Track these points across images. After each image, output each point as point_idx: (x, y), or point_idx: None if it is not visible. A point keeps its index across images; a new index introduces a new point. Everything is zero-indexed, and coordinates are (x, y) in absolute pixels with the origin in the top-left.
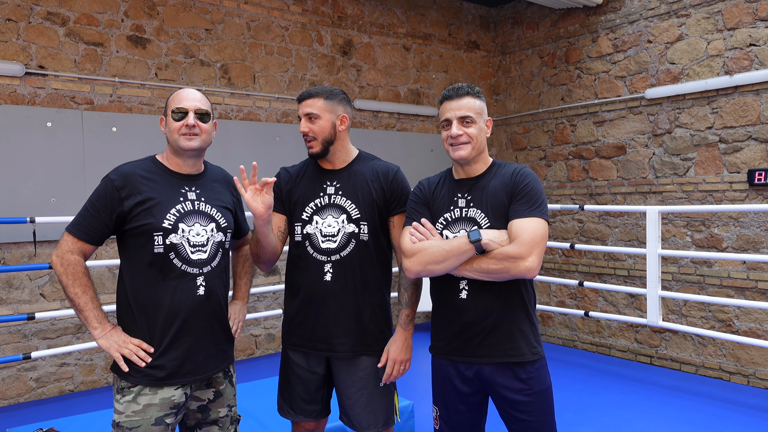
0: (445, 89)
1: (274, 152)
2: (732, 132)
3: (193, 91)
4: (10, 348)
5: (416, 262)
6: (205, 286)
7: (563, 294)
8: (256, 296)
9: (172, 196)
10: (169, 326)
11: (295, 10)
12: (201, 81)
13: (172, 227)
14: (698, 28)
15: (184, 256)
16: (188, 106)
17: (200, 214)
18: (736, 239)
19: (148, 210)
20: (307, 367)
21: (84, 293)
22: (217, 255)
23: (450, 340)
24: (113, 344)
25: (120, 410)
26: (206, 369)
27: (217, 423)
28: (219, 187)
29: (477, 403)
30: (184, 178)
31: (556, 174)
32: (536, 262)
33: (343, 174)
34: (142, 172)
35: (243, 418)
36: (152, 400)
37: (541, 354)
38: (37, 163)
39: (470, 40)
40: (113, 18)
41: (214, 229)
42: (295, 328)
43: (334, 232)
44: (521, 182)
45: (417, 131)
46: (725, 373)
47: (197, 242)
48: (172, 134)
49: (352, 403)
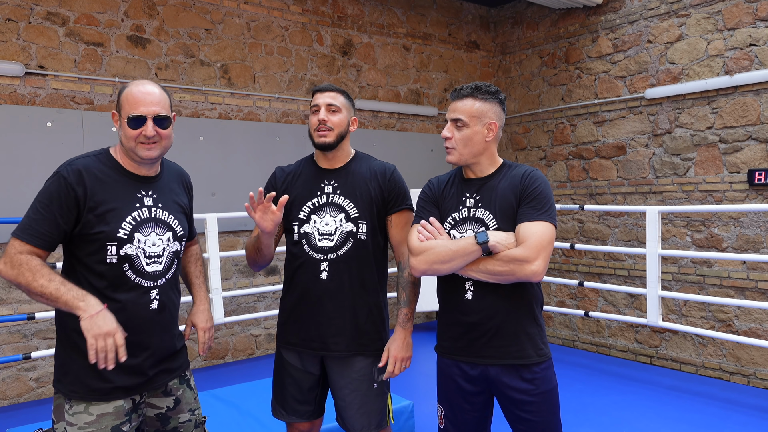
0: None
1: (274, 152)
2: (732, 132)
3: (151, 89)
4: (10, 348)
5: (422, 261)
6: (159, 299)
7: (563, 294)
8: (256, 296)
9: (129, 202)
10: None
11: (295, 10)
12: (201, 81)
13: (127, 237)
14: (698, 28)
15: (139, 269)
16: (146, 111)
17: (157, 223)
18: (736, 239)
19: (101, 216)
20: (301, 367)
21: (50, 281)
22: (172, 266)
23: (455, 340)
24: (94, 327)
25: (71, 422)
26: (157, 381)
27: (178, 430)
28: (176, 188)
29: (482, 403)
30: (140, 181)
31: (556, 174)
32: (542, 266)
33: (341, 173)
34: (97, 172)
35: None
36: (105, 409)
37: (548, 355)
38: (37, 163)
39: (470, 40)
40: (113, 18)
41: (171, 238)
42: (290, 326)
43: (332, 230)
44: (531, 185)
45: (417, 131)
46: (725, 373)
47: (153, 253)
48: (129, 141)
49: (346, 404)
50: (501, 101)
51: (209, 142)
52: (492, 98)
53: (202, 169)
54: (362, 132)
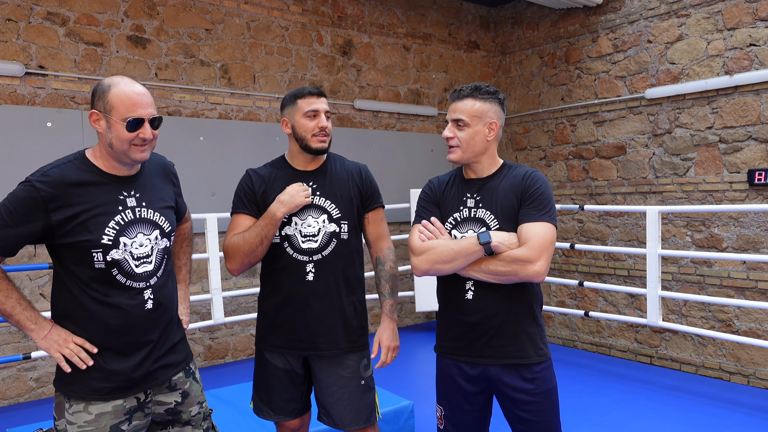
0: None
1: (274, 152)
2: (732, 132)
3: (141, 89)
4: (10, 348)
5: (424, 261)
6: (153, 298)
7: (563, 294)
8: (256, 296)
9: (110, 206)
10: (118, 343)
11: (295, 10)
12: (201, 81)
13: (112, 243)
14: (698, 28)
15: (128, 272)
16: (144, 113)
17: (142, 222)
18: (736, 239)
19: (83, 224)
20: (286, 367)
21: (7, 297)
22: (163, 262)
23: (455, 340)
24: (53, 344)
25: (71, 421)
26: (159, 377)
27: (190, 423)
28: (159, 182)
29: (481, 403)
30: (121, 182)
31: (556, 174)
32: (544, 266)
33: (319, 174)
34: (74, 179)
35: (243, 418)
36: (104, 408)
37: (548, 355)
38: (37, 163)
39: (470, 40)
40: (113, 18)
41: (158, 236)
42: (275, 329)
43: (315, 232)
44: (532, 186)
45: (417, 131)
46: (725, 373)
47: (141, 254)
48: (122, 144)
49: (334, 401)
50: (500, 101)
51: (209, 142)
52: (492, 98)
53: (202, 169)
54: (362, 132)
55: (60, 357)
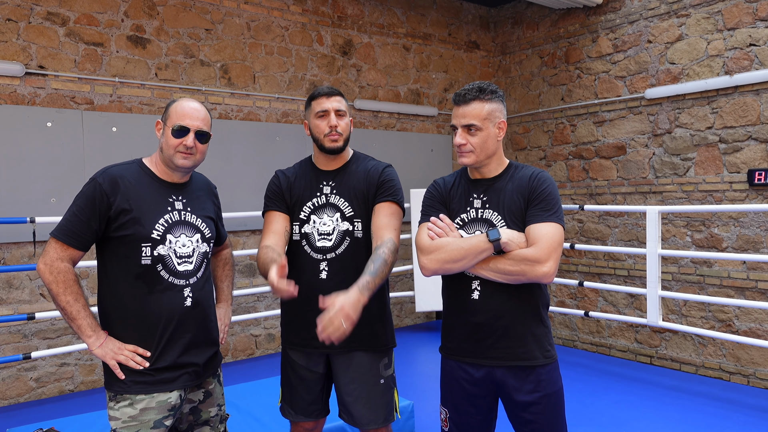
0: (458, 90)
1: (274, 152)
2: (732, 132)
3: (198, 106)
4: (10, 348)
5: (434, 260)
6: (192, 296)
7: (563, 294)
8: (256, 296)
9: (160, 206)
10: (160, 337)
11: (295, 10)
12: (201, 81)
13: (160, 238)
14: (698, 28)
15: (171, 268)
16: (191, 125)
17: (186, 225)
18: (736, 239)
19: (135, 219)
20: (308, 366)
21: (76, 301)
22: (203, 266)
23: (461, 341)
24: (109, 352)
25: (116, 416)
26: (198, 376)
27: (208, 423)
28: (203, 195)
29: (487, 406)
30: (171, 187)
31: (556, 174)
32: (554, 267)
33: (339, 173)
34: (131, 178)
35: (243, 418)
36: (149, 404)
37: (554, 357)
38: (37, 163)
39: (470, 40)
40: (113, 18)
41: (200, 239)
42: (293, 326)
43: (330, 230)
44: (539, 187)
45: (417, 131)
46: (725, 373)
47: (183, 253)
48: (169, 149)
49: (353, 399)
50: (502, 98)
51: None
52: (496, 97)
53: (202, 169)
54: (362, 132)
55: (115, 364)
